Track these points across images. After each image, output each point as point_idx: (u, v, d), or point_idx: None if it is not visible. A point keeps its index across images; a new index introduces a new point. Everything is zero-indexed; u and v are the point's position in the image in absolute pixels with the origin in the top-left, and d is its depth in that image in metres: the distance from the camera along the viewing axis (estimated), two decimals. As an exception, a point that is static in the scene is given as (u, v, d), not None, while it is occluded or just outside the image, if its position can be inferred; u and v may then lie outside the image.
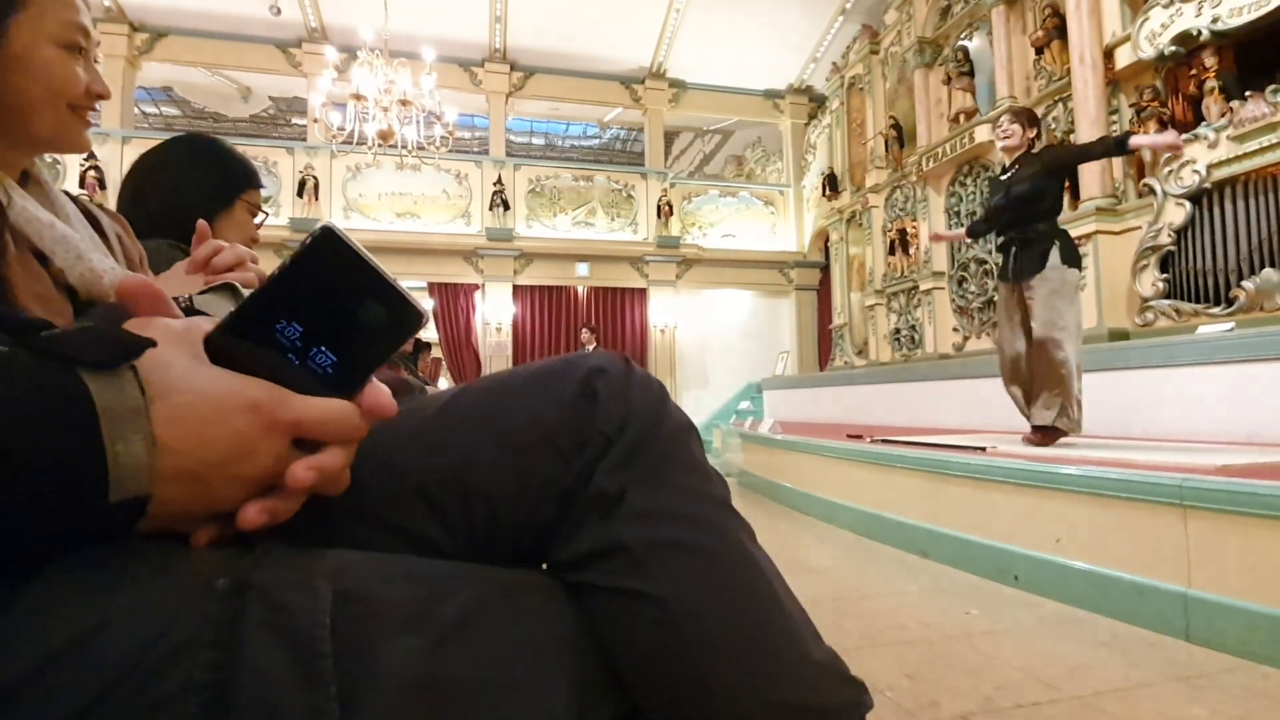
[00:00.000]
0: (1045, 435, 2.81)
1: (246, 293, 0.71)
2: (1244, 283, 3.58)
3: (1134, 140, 2.76)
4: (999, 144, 3.06)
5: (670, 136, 11.39)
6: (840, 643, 1.82)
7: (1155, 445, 2.86)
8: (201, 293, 0.69)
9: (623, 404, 0.44)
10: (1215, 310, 3.73)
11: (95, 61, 0.79)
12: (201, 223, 0.79)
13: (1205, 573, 1.81)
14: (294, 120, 11.85)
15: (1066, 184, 3.21)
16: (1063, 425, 2.72)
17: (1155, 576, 1.92)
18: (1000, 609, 2.11)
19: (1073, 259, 2.81)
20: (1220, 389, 3.21)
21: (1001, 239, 3.06)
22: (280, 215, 7.67)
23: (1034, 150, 2.97)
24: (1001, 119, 3.06)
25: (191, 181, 1.22)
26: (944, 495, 2.77)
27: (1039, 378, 2.80)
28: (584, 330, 8.17)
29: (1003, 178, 3.01)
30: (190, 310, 0.68)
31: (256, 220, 1.36)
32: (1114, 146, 2.80)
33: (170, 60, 8.03)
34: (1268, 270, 3.49)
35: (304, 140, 9.07)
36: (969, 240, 3.20)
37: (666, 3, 8.10)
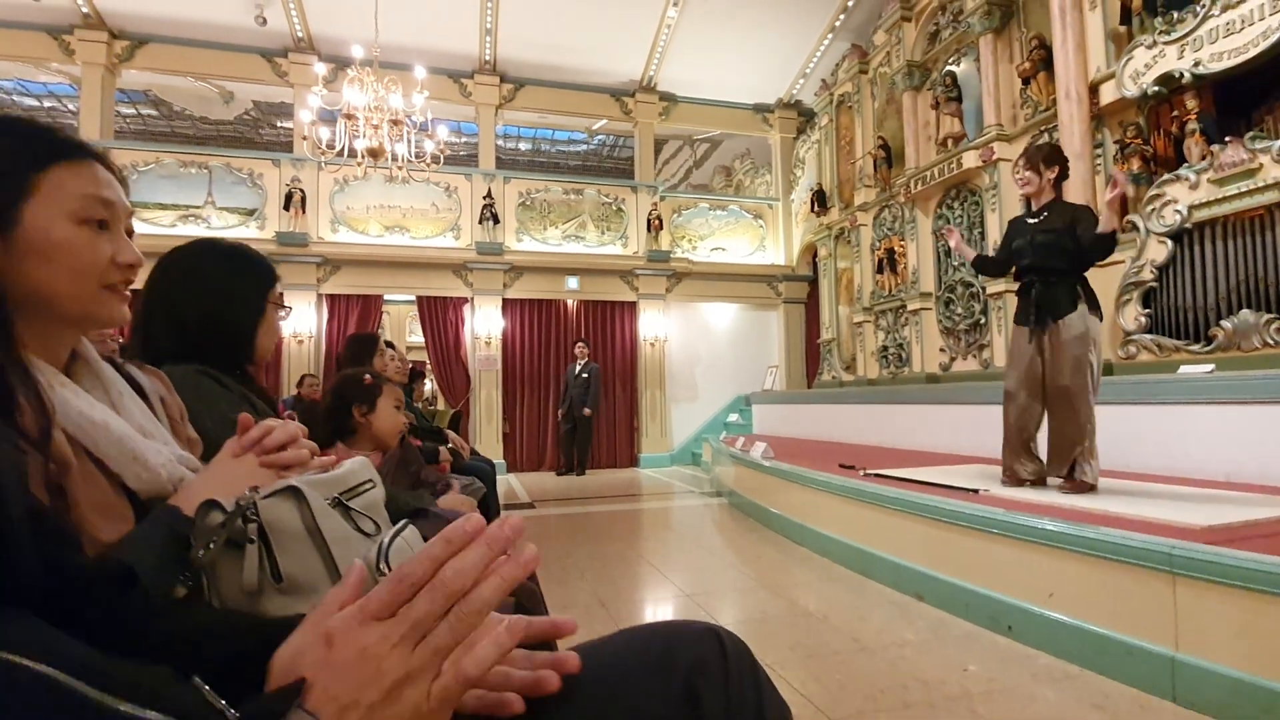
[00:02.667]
0: (1077, 484, 2.82)
1: (308, 490, 0.72)
2: (1223, 322, 3.70)
3: (1107, 222, 2.77)
4: (1019, 191, 3.10)
5: (659, 143, 11.42)
6: (844, 707, 1.88)
7: (1139, 490, 2.94)
8: (265, 496, 0.70)
9: (724, 705, 0.47)
10: (1195, 347, 3.85)
11: (129, 232, 0.76)
12: (245, 416, 0.80)
13: (1192, 637, 1.89)
14: (278, 123, 11.70)
15: None
16: (1085, 478, 2.76)
17: (1143, 637, 1.99)
18: (996, 664, 2.17)
19: (1095, 306, 2.83)
20: (1200, 428, 3.32)
21: (1020, 282, 3.04)
22: (266, 229, 7.59)
23: (1063, 198, 2.94)
24: (1017, 163, 3.07)
25: (230, 298, 1.19)
26: (938, 540, 2.84)
27: (1060, 428, 2.81)
28: (578, 344, 8.20)
29: (1029, 220, 2.97)
30: (255, 517, 0.70)
31: (281, 315, 1.34)
32: (1109, 240, 2.80)
33: (151, 68, 7.91)
34: (1245, 311, 3.60)
35: (288, 145, 8.98)
36: (971, 267, 3.19)
37: (658, 17, 8.13)
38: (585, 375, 8.02)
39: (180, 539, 0.68)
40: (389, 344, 3.06)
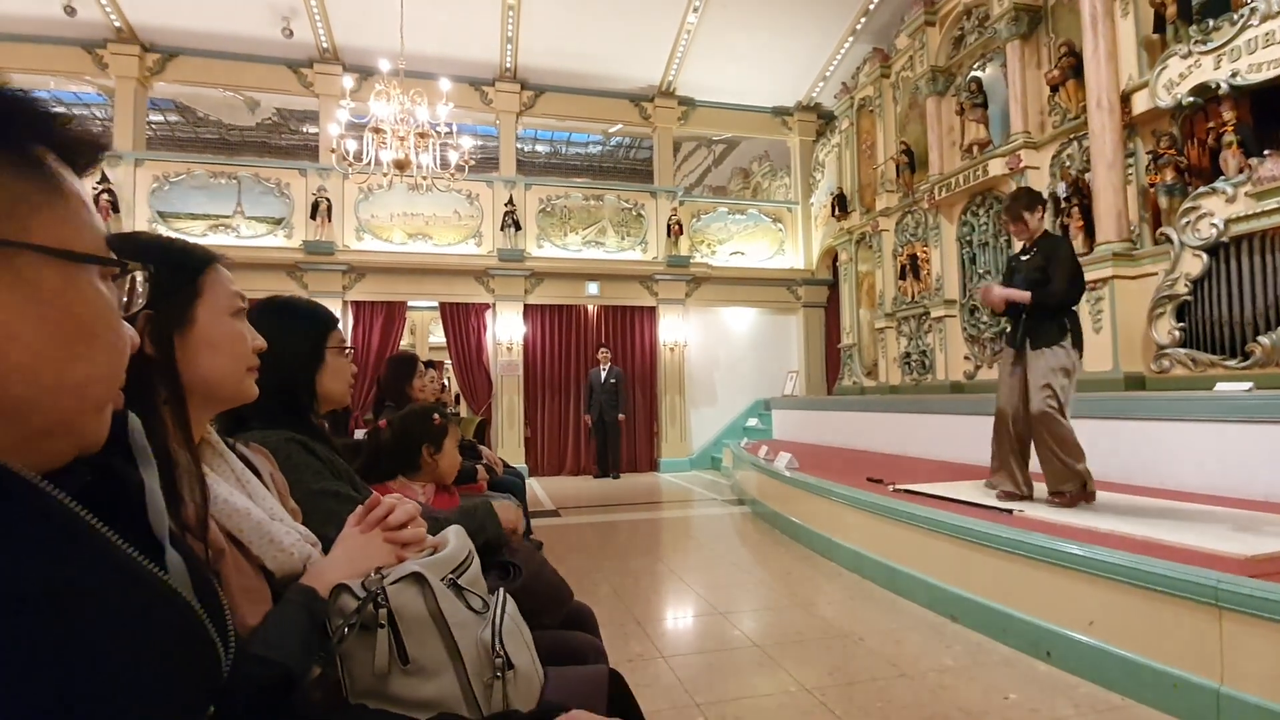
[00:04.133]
0: (1070, 498, 2.96)
1: (432, 577, 0.76)
2: (1260, 338, 3.66)
3: (1019, 292, 3.03)
4: (1016, 240, 3.25)
5: (675, 143, 11.44)
6: (892, 743, 1.89)
7: (1177, 511, 2.93)
8: (393, 582, 0.74)
9: None
10: (1231, 363, 3.81)
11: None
12: (375, 494, 0.84)
13: (1238, 671, 1.89)
14: (302, 128, 11.84)
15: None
16: (1074, 491, 2.88)
17: (1188, 669, 1.99)
18: (1037, 692, 2.18)
19: (1078, 341, 2.98)
20: (1238, 447, 3.29)
21: (1012, 311, 3.20)
22: (294, 238, 7.70)
23: (1048, 235, 3.16)
24: (1002, 218, 3.25)
25: (280, 355, 1.22)
26: (972, 561, 2.84)
27: (1045, 450, 2.98)
28: (601, 350, 8.30)
29: (1023, 257, 3.19)
30: (385, 603, 0.74)
31: (347, 356, 1.38)
32: (1045, 298, 3.00)
33: (181, 80, 8.04)
34: (1284, 327, 3.56)
35: (312, 149, 9.08)
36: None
37: (678, 23, 8.13)
38: (613, 381, 8.12)
39: (317, 621, 0.73)
40: (428, 364, 3.10)
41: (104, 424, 0.44)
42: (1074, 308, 3.04)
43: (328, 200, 7.74)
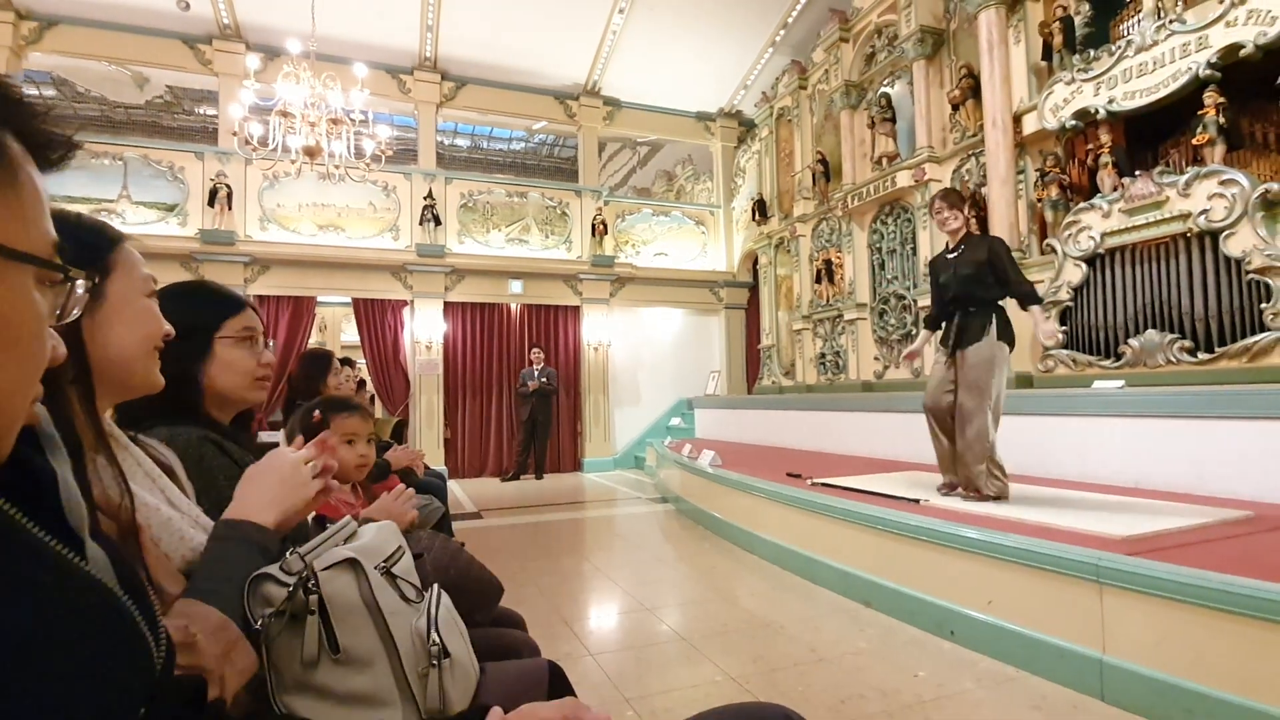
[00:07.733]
0: (982, 496, 3.06)
1: (368, 564, 0.73)
2: (1131, 340, 4.04)
3: (1034, 308, 3.10)
4: (941, 229, 3.26)
5: (601, 143, 11.44)
6: (814, 725, 1.96)
7: (1062, 499, 3.19)
8: (325, 569, 0.70)
9: None
10: (1107, 363, 4.18)
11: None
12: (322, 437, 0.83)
13: (1118, 641, 2.07)
14: (196, 109, 11.02)
15: None
16: (990, 490, 2.99)
17: (1075, 641, 2.17)
18: (943, 669, 2.32)
19: (1007, 335, 3.08)
20: (1113, 439, 3.62)
21: (945, 311, 3.29)
22: (189, 226, 7.16)
23: (975, 231, 3.20)
24: (936, 204, 3.25)
25: (169, 342, 1.13)
26: (884, 550, 2.99)
27: (963, 443, 3.07)
28: (534, 350, 8.21)
29: (949, 256, 3.22)
30: (315, 588, 0.70)
31: (256, 348, 1.28)
32: (1030, 299, 3.10)
33: (61, 51, 7.31)
34: (1150, 331, 3.95)
35: (207, 132, 8.46)
36: (931, 333, 3.46)
37: (603, 23, 8.14)
38: (544, 380, 8.04)
39: (270, 561, 0.70)
40: (345, 361, 2.96)
41: (7, 441, 0.39)
42: (1002, 304, 3.15)
43: (228, 187, 7.25)
